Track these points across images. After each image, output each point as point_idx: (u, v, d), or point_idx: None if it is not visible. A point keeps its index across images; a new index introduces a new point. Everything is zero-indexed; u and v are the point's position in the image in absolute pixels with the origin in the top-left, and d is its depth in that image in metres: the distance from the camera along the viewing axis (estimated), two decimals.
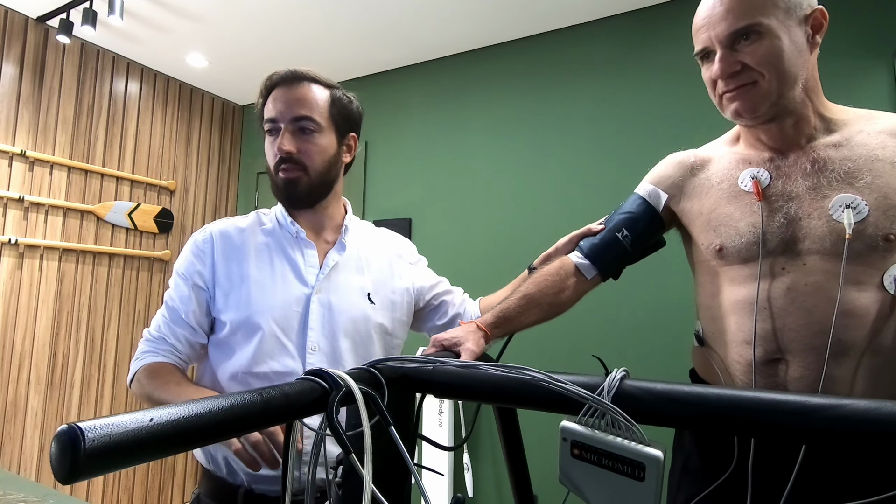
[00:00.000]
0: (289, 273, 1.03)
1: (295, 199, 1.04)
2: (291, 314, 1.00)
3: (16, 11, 2.50)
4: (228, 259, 1.02)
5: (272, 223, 1.09)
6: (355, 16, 2.45)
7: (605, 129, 2.37)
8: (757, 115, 0.85)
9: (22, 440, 2.47)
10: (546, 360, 2.29)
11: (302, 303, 1.01)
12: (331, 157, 1.06)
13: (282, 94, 1.03)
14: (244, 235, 1.05)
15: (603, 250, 1.01)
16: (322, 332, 1.01)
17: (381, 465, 0.52)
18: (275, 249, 1.05)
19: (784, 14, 0.82)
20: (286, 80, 1.04)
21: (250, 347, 0.96)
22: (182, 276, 1.01)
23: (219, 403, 0.41)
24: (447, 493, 2.35)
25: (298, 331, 1.00)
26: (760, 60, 0.82)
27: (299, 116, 1.01)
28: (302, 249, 1.06)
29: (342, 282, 1.06)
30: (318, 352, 1.00)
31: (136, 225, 2.93)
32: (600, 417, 0.50)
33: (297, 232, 1.06)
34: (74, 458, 0.32)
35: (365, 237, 1.15)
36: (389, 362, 0.60)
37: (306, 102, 1.03)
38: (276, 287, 1.01)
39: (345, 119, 1.09)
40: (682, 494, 0.96)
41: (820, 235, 0.81)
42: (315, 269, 1.04)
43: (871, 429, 0.40)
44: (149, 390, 0.93)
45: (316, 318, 1.01)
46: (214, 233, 1.04)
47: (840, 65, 1.91)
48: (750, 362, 0.86)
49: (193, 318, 0.99)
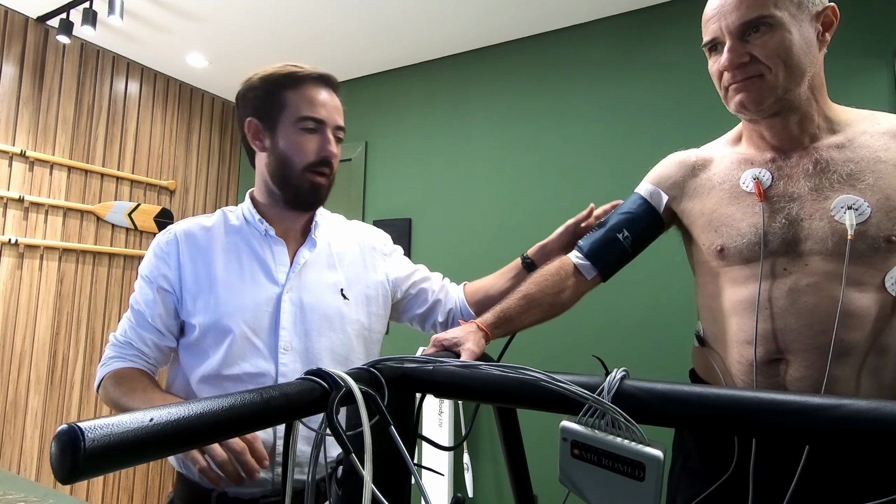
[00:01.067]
0: (258, 272, 1.01)
1: (315, 202, 1.05)
2: (262, 314, 0.98)
3: (16, 11, 2.50)
4: (195, 260, 0.99)
5: (239, 221, 1.06)
6: (355, 16, 2.45)
7: (605, 128, 2.37)
8: (761, 108, 0.85)
9: (22, 440, 2.47)
10: (546, 360, 2.29)
11: (272, 302, 0.99)
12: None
13: (328, 98, 1.03)
14: (210, 235, 1.02)
15: (603, 250, 1.01)
16: (294, 331, 0.99)
17: (381, 465, 0.52)
18: (243, 248, 1.02)
19: (796, 8, 0.82)
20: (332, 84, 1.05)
21: (221, 350, 0.95)
22: (146, 279, 0.99)
23: (219, 404, 0.41)
24: (447, 493, 2.35)
25: (269, 331, 0.98)
26: (769, 53, 0.81)
27: (340, 126, 1.05)
28: (271, 247, 1.03)
29: (314, 279, 1.04)
30: (291, 351, 0.98)
31: (136, 225, 2.93)
32: (600, 417, 0.50)
33: (266, 230, 1.03)
34: (74, 458, 0.32)
35: (336, 231, 1.13)
36: (389, 362, 0.60)
37: (342, 114, 1.06)
38: (246, 287, 0.99)
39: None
40: (682, 495, 0.96)
41: (822, 236, 0.81)
42: (285, 267, 1.02)
43: (872, 429, 0.40)
44: (115, 397, 0.92)
45: (287, 317, 0.99)
46: (179, 233, 1.02)
47: (840, 65, 1.90)
48: (751, 362, 0.86)
49: (160, 321, 0.98)
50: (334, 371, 0.51)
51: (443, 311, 1.17)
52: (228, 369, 0.95)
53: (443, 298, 1.18)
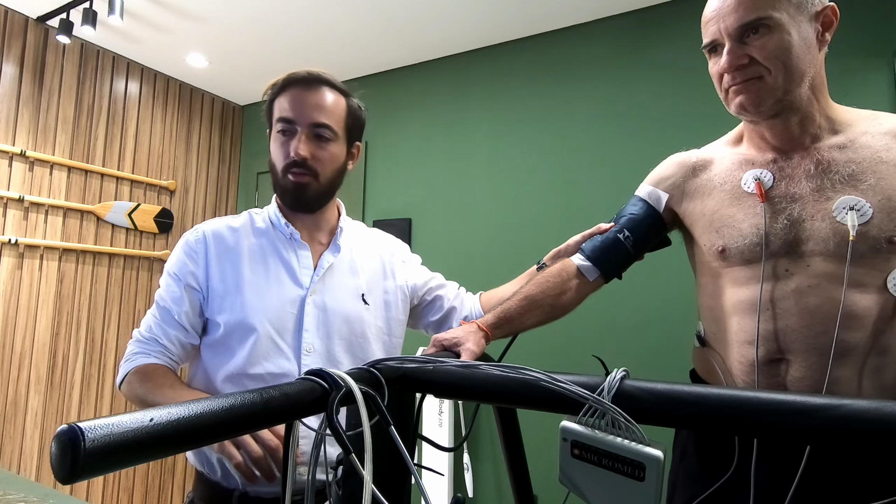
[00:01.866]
0: (283, 274, 1.02)
1: (302, 203, 1.04)
2: (286, 316, 0.99)
3: (16, 11, 2.50)
4: (222, 260, 1.01)
5: (265, 224, 1.08)
6: (355, 16, 2.45)
7: (605, 128, 2.37)
8: (761, 109, 0.85)
9: (22, 440, 2.47)
10: (546, 360, 2.29)
11: (297, 304, 1.00)
12: (340, 165, 1.07)
13: (301, 95, 1.01)
14: (237, 236, 1.04)
15: (605, 252, 1.01)
16: (317, 333, 1.00)
17: (381, 465, 0.52)
18: (269, 251, 1.04)
19: (795, 9, 0.82)
20: (307, 81, 1.02)
21: (245, 349, 0.96)
22: (174, 277, 1.00)
23: (219, 403, 0.41)
24: (447, 493, 2.35)
25: (293, 332, 0.99)
26: (768, 55, 0.81)
27: (318, 123, 1.00)
28: (296, 251, 1.05)
29: (336, 283, 1.05)
30: (314, 353, 0.99)
31: (136, 225, 2.93)
32: (600, 417, 0.50)
33: (292, 233, 1.05)
34: (74, 458, 0.32)
35: (358, 238, 1.15)
36: (389, 362, 0.60)
37: (325, 109, 1.01)
38: (271, 289, 1.00)
39: (357, 129, 1.10)
40: (681, 495, 0.96)
41: (823, 237, 0.81)
42: (309, 270, 1.04)
43: (874, 429, 0.40)
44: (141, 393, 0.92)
45: (311, 319, 1.00)
46: (207, 233, 1.03)
47: (840, 65, 1.90)
48: (752, 363, 0.86)
49: (186, 319, 0.98)
50: (334, 371, 0.51)
51: (457, 319, 1.18)
52: (252, 368, 0.96)
53: (458, 306, 1.19)
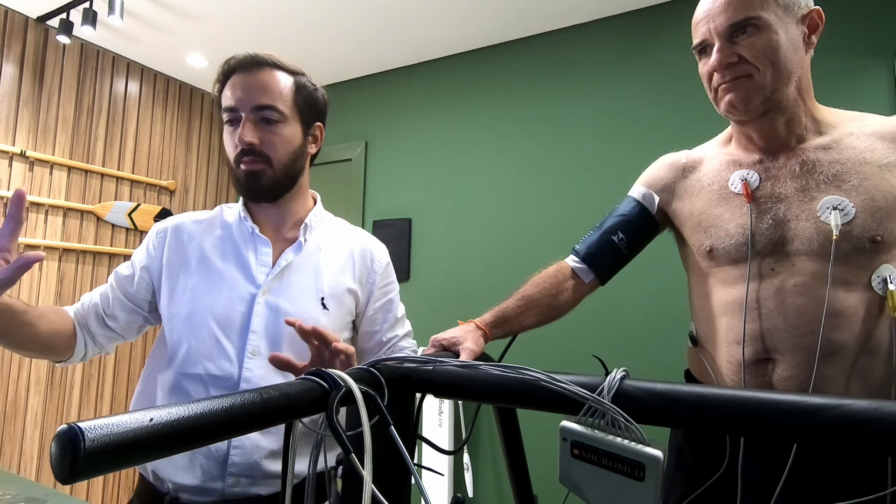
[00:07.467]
0: (236, 271, 0.97)
1: (257, 192, 0.97)
2: (234, 314, 0.93)
3: (16, 11, 2.50)
4: (178, 253, 1.00)
5: (233, 218, 1.03)
6: (355, 16, 2.45)
7: (605, 128, 2.37)
8: (750, 108, 0.86)
9: (22, 440, 2.47)
10: (546, 360, 2.29)
11: (246, 303, 0.94)
12: (296, 148, 0.98)
13: (242, 80, 0.94)
14: (199, 229, 1.02)
15: (599, 253, 1.02)
16: (264, 335, 0.93)
17: (381, 465, 0.52)
18: (228, 246, 1.00)
19: (783, 11, 0.83)
20: (246, 65, 0.95)
21: (185, 347, 0.92)
22: (131, 262, 1.04)
23: (219, 404, 0.41)
24: (447, 493, 2.35)
25: (240, 332, 0.93)
26: (757, 54, 0.83)
27: (262, 105, 0.93)
28: (256, 247, 0.99)
29: (294, 283, 0.98)
30: (259, 357, 0.92)
31: (136, 225, 2.93)
32: (600, 417, 0.50)
33: (252, 228, 0.99)
34: (74, 458, 0.32)
35: (332, 236, 1.06)
36: (389, 362, 0.60)
37: (269, 90, 0.94)
38: (224, 285, 0.95)
39: (310, 108, 1.01)
40: (676, 492, 0.96)
41: (808, 237, 0.82)
42: (266, 268, 0.97)
43: (871, 429, 0.40)
44: None
45: (259, 320, 0.93)
46: (170, 226, 1.03)
47: (840, 65, 1.90)
48: (740, 362, 0.87)
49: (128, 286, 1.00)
50: (335, 371, 0.51)
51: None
52: (192, 368, 0.92)
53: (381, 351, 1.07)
